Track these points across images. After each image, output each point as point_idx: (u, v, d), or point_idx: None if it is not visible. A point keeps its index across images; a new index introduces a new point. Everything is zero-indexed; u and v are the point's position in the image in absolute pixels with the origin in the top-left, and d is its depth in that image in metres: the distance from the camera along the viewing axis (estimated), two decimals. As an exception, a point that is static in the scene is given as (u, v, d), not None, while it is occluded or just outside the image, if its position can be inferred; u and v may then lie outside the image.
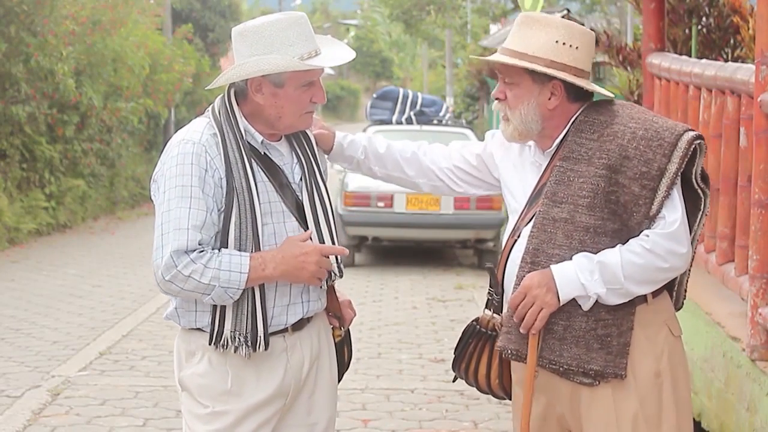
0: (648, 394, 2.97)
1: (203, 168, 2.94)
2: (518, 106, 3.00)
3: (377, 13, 49.51)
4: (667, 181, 2.89)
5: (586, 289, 2.89)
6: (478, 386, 3.28)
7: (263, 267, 2.93)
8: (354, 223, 12.01)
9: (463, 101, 28.10)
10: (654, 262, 2.89)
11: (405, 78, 56.67)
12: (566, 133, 3.02)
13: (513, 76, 3.01)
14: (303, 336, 3.13)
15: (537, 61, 2.95)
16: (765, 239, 4.38)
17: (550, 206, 2.96)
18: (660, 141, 2.90)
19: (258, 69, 2.93)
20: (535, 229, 2.98)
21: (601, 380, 2.96)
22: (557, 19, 3.03)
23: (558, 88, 2.98)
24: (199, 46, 24.36)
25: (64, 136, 15.15)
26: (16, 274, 11.25)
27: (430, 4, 27.81)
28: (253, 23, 2.99)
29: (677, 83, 5.89)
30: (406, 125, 12.85)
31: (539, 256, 2.95)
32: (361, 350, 7.72)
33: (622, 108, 3.01)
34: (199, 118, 3.10)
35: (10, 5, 13.48)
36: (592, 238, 2.92)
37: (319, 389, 3.19)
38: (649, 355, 2.97)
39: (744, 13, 6.57)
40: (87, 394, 6.51)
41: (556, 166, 2.99)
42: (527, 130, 3.02)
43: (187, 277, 2.88)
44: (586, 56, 3.00)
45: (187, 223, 2.89)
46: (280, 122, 3.04)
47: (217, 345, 2.98)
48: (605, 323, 2.93)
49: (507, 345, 3.02)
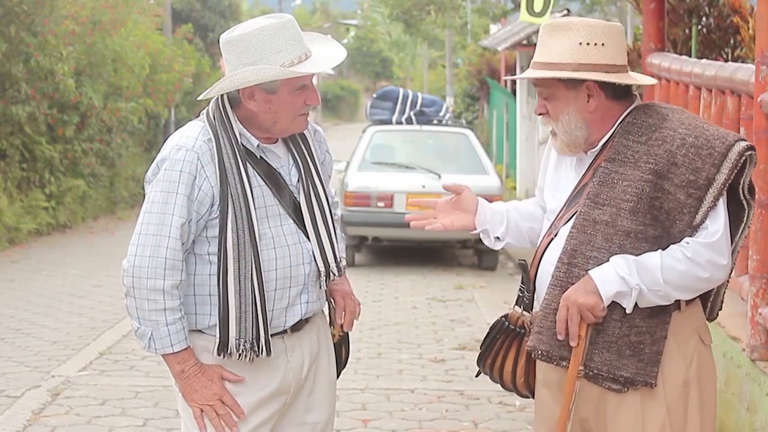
0: (675, 403, 2.94)
1: (193, 175, 2.95)
2: (560, 117, 2.95)
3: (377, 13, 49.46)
4: (715, 192, 2.83)
5: (626, 282, 2.82)
6: (503, 383, 3.24)
7: (182, 362, 2.99)
8: (354, 223, 12.00)
9: (463, 101, 28.08)
10: (694, 271, 2.84)
11: (405, 78, 56.62)
12: (613, 133, 2.96)
13: (548, 88, 2.97)
14: (302, 336, 3.14)
15: (564, 68, 2.90)
16: (765, 239, 4.38)
17: (592, 207, 2.91)
18: (710, 150, 2.83)
19: (247, 80, 2.93)
20: (574, 230, 2.93)
21: (630, 387, 2.92)
22: (578, 20, 2.97)
23: (593, 89, 2.92)
24: (199, 46, 24.34)
25: (64, 136, 15.15)
26: (16, 274, 11.25)
27: (430, 4, 27.77)
28: (240, 31, 2.98)
29: (677, 83, 5.89)
30: (406, 125, 12.85)
31: (576, 258, 2.90)
32: (361, 350, 7.72)
33: (672, 112, 2.95)
34: (194, 121, 3.10)
35: (10, 5, 13.48)
36: (633, 243, 2.87)
37: (318, 388, 3.20)
38: (680, 363, 2.93)
39: (744, 13, 6.57)
40: (87, 394, 6.51)
41: (600, 167, 2.94)
42: (574, 139, 2.96)
43: (145, 299, 2.94)
44: (615, 51, 2.93)
45: (167, 242, 2.92)
46: (276, 127, 3.04)
47: (223, 354, 2.99)
48: (639, 330, 2.89)
49: (538, 345, 2.98)
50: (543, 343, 2.97)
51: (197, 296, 3.02)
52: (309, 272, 3.08)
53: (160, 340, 2.96)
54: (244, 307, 2.96)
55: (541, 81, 2.98)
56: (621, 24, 3.04)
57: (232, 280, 2.95)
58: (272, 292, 3.02)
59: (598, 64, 2.91)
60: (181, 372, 3.00)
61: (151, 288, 2.93)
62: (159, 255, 2.92)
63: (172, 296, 2.94)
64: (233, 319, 2.96)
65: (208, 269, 3.00)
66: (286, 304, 3.06)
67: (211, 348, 3.03)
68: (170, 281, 2.93)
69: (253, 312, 2.96)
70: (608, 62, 2.92)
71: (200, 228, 2.98)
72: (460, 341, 8.08)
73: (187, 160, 2.95)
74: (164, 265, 2.92)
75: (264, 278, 2.98)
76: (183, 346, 2.97)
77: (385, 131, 12.86)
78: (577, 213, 2.95)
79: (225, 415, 3.02)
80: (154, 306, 2.94)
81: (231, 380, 3.03)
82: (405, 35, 39.71)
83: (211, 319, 3.02)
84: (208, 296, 3.01)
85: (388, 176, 12.12)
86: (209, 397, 3.01)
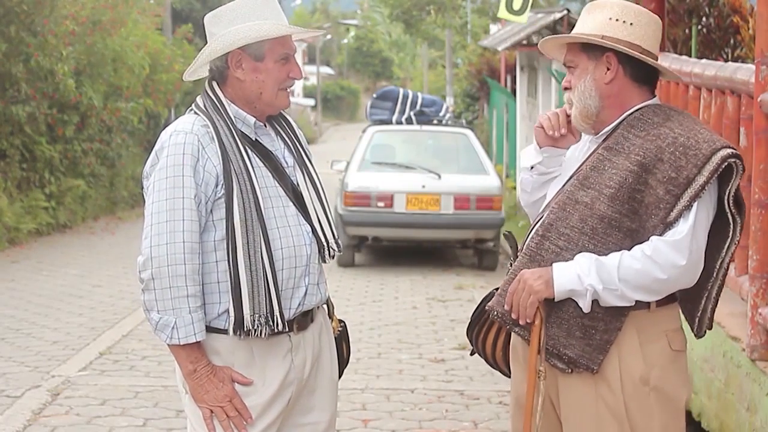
0: (634, 399, 2.95)
1: (195, 157, 2.96)
2: (577, 84, 3.03)
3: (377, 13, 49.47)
4: (692, 192, 2.85)
5: (581, 280, 2.88)
6: (485, 357, 3.29)
7: (195, 361, 2.97)
8: (354, 223, 12.00)
9: (463, 101, 28.07)
10: (651, 270, 2.86)
11: (405, 78, 56.65)
12: (619, 123, 3.02)
13: (573, 59, 3.05)
14: (307, 336, 3.14)
15: (591, 39, 2.98)
16: (765, 239, 4.38)
17: (578, 188, 2.98)
18: (696, 151, 2.87)
19: (243, 36, 2.98)
20: (556, 206, 3.00)
21: (573, 368, 2.96)
22: (617, 0, 3.04)
23: (612, 61, 2.99)
24: (199, 46, 24.32)
25: (64, 136, 15.16)
26: (16, 274, 11.25)
27: (430, 4, 27.78)
28: (224, 6, 3.08)
29: (677, 83, 5.89)
30: (406, 125, 12.85)
31: (551, 231, 2.97)
32: (361, 350, 7.73)
33: (677, 114, 3.01)
34: (184, 116, 3.12)
35: (10, 5, 13.48)
36: (605, 229, 2.92)
37: (320, 388, 3.20)
38: (639, 360, 2.95)
39: (744, 13, 6.58)
40: (87, 394, 6.51)
41: (597, 153, 3.01)
42: (586, 108, 3.02)
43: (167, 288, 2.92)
44: (642, 33, 3.00)
45: (182, 225, 2.92)
46: (261, 99, 3.07)
47: (240, 332, 2.98)
48: (593, 315, 2.93)
49: (495, 307, 3.06)
50: (500, 306, 3.04)
51: (205, 285, 3.01)
52: (310, 254, 3.10)
53: (184, 328, 2.92)
54: (257, 281, 2.95)
55: (569, 54, 3.06)
56: (654, 15, 3.07)
57: (242, 256, 2.95)
58: (280, 271, 3.02)
59: (623, 40, 2.97)
60: (193, 371, 2.99)
61: (173, 275, 2.91)
62: (176, 240, 2.92)
63: (194, 281, 2.93)
64: (246, 296, 2.95)
65: (215, 256, 3.00)
66: (292, 285, 3.06)
67: (220, 349, 3.03)
68: (191, 266, 2.92)
69: (265, 286, 2.96)
70: (633, 41, 2.98)
71: (207, 211, 2.98)
72: (460, 341, 8.08)
73: (188, 143, 2.97)
74: (183, 250, 2.91)
75: (273, 256, 2.99)
76: (204, 336, 2.97)
77: (385, 131, 12.86)
78: (563, 191, 3.02)
79: (235, 417, 3.01)
80: (177, 293, 2.91)
81: (241, 382, 3.03)
82: (405, 35, 39.71)
83: (220, 306, 3.01)
84: (216, 284, 3.00)
85: (388, 176, 12.12)
86: (220, 399, 3.00)
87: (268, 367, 3.06)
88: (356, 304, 9.94)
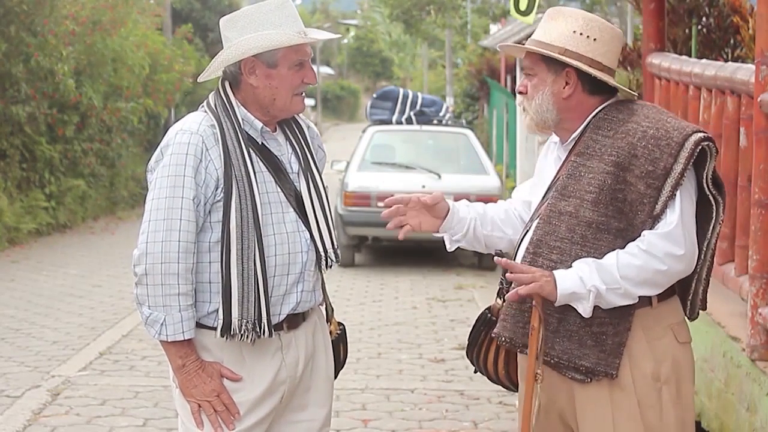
0: (647, 397, 2.95)
1: (198, 158, 2.97)
2: (534, 96, 3.01)
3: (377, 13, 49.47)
4: (672, 182, 2.86)
5: (584, 282, 2.86)
6: (488, 375, 3.29)
7: (185, 356, 3.00)
8: (354, 223, 12.00)
9: (463, 101, 28.09)
10: (651, 264, 2.87)
11: (405, 78, 56.64)
12: (585, 128, 3.01)
13: (532, 67, 3.03)
14: (299, 334, 3.15)
15: (551, 49, 2.96)
16: (765, 239, 4.38)
17: (559, 199, 2.96)
18: (668, 140, 2.88)
19: (255, 45, 2.98)
20: (541, 221, 2.98)
21: (592, 378, 2.94)
22: (580, 12, 3.03)
23: (572, 77, 2.98)
24: (199, 46, 24.34)
25: (64, 136, 15.16)
26: (16, 274, 11.25)
27: (430, 4, 27.79)
28: (241, 10, 3.07)
29: (677, 83, 5.89)
30: (406, 125, 12.85)
31: (541, 248, 2.96)
32: (361, 350, 7.73)
33: (641, 108, 3.00)
34: (194, 113, 3.13)
35: (10, 5, 13.49)
36: (594, 234, 2.91)
37: (314, 387, 3.21)
38: (650, 358, 2.95)
39: (744, 13, 6.57)
40: (87, 394, 6.51)
41: (570, 161, 3.00)
42: (542, 120, 3.02)
43: (160, 285, 2.94)
44: (604, 50, 2.98)
45: (179, 225, 2.94)
46: (274, 105, 3.07)
47: (226, 336, 3.00)
48: (600, 321, 2.92)
49: (502, 332, 3.04)
50: (507, 330, 3.02)
51: (198, 283, 3.03)
52: (306, 261, 3.10)
53: (173, 325, 2.95)
54: (247, 287, 2.97)
55: (527, 60, 3.04)
56: (621, 31, 3.06)
57: (235, 262, 2.96)
58: (271, 278, 3.03)
59: (585, 56, 2.96)
60: (182, 366, 3.01)
61: (166, 272, 2.94)
62: (172, 239, 2.94)
63: (186, 280, 2.95)
64: (236, 300, 2.97)
65: (208, 257, 3.02)
66: (283, 292, 3.07)
67: (210, 345, 3.04)
68: (184, 265, 2.94)
69: (255, 292, 2.98)
70: (594, 57, 2.97)
71: (205, 212, 3.00)
72: (460, 341, 8.08)
73: (192, 143, 2.98)
74: (178, 249, 2.94)
75: (267, 262, 3.00)
76: (192, 335, 2.99)
77: (385, 131, 12.86)
78: (545, 205, 3.01)
79: (222, 412, 3.03)
80: (169, 291, 2.94)
81: (229, 378, 3.05)
82: (405, 35, 39.72)
83: (210, 305, 3.03)
84: (208, 284, 3.02)
85: (388, 176, 12.12)
86: (207, 393, 3.02)
87: (258, 365, 3.07)
88: (356, 304, 9.94)
